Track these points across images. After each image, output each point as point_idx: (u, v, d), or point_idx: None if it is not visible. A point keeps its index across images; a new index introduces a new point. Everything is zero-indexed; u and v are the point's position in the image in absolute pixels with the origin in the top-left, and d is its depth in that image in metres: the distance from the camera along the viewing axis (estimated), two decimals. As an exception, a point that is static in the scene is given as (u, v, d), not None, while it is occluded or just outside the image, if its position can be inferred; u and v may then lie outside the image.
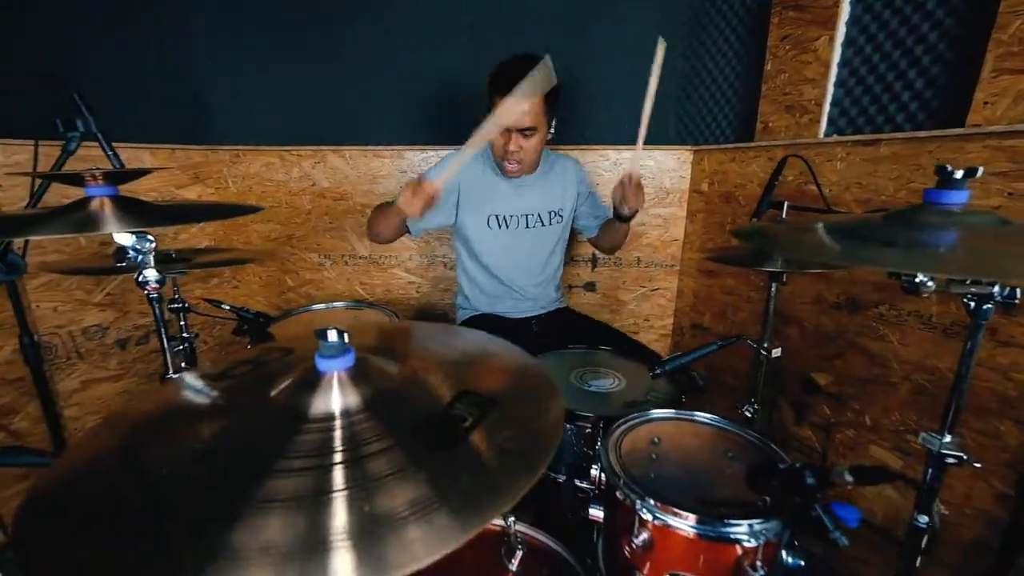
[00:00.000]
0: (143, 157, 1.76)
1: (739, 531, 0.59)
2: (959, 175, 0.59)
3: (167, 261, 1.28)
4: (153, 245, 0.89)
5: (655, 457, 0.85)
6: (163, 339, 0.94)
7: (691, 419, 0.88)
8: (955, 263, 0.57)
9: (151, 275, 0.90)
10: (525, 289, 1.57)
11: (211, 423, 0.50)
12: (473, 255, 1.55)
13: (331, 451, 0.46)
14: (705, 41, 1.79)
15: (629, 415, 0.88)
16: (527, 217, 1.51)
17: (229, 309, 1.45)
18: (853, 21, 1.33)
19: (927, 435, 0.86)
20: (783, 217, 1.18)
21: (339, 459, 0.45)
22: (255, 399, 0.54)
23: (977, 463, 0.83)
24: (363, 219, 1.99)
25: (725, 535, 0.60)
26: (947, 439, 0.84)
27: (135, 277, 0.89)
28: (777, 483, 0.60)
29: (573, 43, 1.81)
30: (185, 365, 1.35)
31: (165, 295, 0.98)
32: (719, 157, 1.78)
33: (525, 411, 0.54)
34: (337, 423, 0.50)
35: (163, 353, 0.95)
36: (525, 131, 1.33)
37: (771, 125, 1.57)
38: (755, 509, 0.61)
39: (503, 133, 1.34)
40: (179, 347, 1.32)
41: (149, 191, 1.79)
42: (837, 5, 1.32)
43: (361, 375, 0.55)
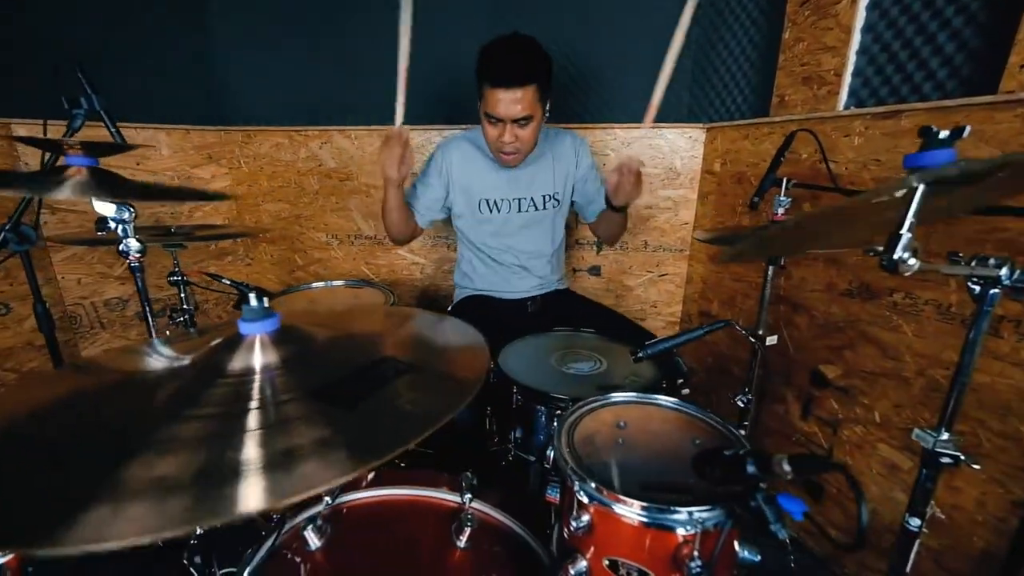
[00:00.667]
0: (159, 137, 1.83)
1: (676, 518, 0.56)
2: (944, 135, 0.52)
3: (167, 235, 1.33)
4: (133, 216, 0.92)
5: (621, 441, 0.82)
6: (146, 307, 0.98)
7: (654, 403, 0.84)
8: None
9: (133, 245, 0.93)
10: (519, 271, 1.54)
11: (133, 380, 0.51)
12: (466, 237, 1.53)
13: (246, 400, 0.47)
14: (722, 10, 1.68)
15: (588, 398, 0.85)
16: (519, 201, 1.47)
17: (229, 283, 1.50)
18: (879, -20, 1.21)
19: (921, 431, 0.80)
20: (782, 196, 1.10)
21: (253, 406, 0.46)
22: (182, 360, 0.54)
23: (975, 464, 0.76)
24: (367, 199, 2.01)
25: (662, 521, 0.56)
26: (944, 436, 0.77)
27: (117, 247, 0.92)
28: (719, 470, 0.56)
29: (579, 16, 1.74)
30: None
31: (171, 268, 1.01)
32: (732, 135, 1.68)
33: (440, 379, 0.52)
34: (256, 377, 0.50)
35: (145, 320, 0.99)
36: (520, 121, 1.27)
37: (787, 99, 1.47)
38: (697, 496, 0.58)
39: (496, 125, 1.28)
40: (180, 318, 1.38)
41: (166, 170, 1.87)
42: (861, -37, 1.20)
43: (285, 339, 0.55)
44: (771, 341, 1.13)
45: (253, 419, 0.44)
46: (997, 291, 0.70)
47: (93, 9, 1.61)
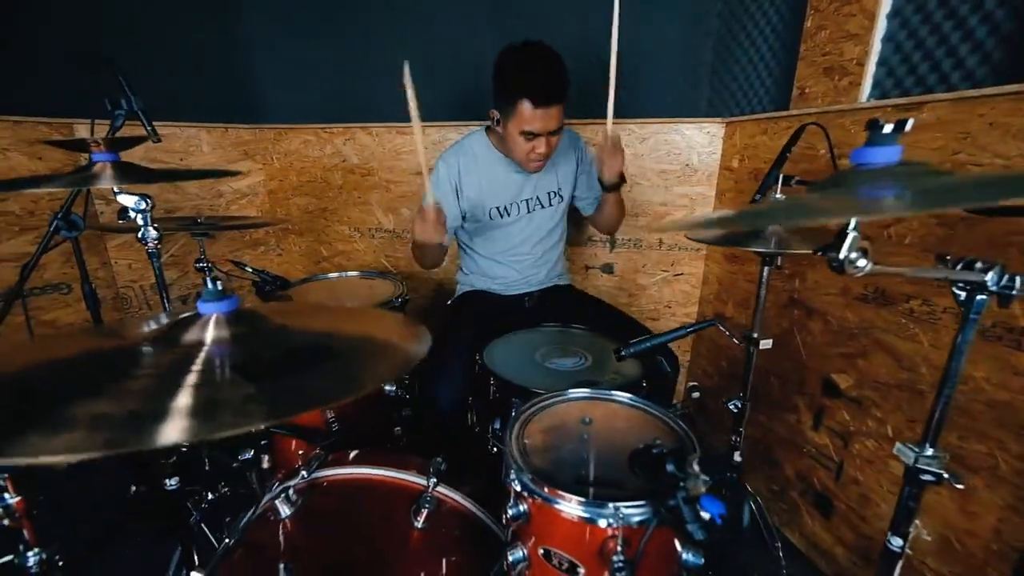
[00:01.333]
0: (201, 135, 1.99)
1: (601, 512, 0.56)
2: (888, 129, 0.49)
3: (194, 225, 1.44)
4: (151, 206, 1.02)
5: (586, 436, 0.82)
6: (161, 289, 1.08)
7: (612, 400, 0.84)
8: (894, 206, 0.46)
9: (151, 233, 1.03)
10: (521, 267, 1.55)
11: (106, 347, 0.58)
12: (471, 239, 1.56)
13: (190, 364, 0.53)
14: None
15: (545, 394, 0.86)
16: (527, 202, 1.49)
17: (252, 271, 1.61)
18: (906, -39, 1.12)
19: (903, 445, 0.75)
20: (778, 195, 1.04)
21: (195, 369, 0.52)
22: (146, 335, 0.61)
23: (959, 484, 0.70)
24: (387, 194, 2.08)
25: (587, 515, 0.57)
26: (928, 452, 0.72)
27: (137, 235, 1.02)
28: (647, 468, 0.56)
29: (589, 14, 1.71)
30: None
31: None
32: (751, 129, 1.61)
33: (360, 367, 0.56)
34: (204, 348, 0.56)
35: (161, 298, 1.09)
36: (554, 132, 1.30)
37: (808, 91, 1.39)
38: (623, 493, 0.57)
39: (532, 139, 1.29)
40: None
41: (206, 165, 2.02)
42: (886, -57, 1.12)
43: (240, 319, 0.61)
44: (765, 345, 1.08)
45: (192, 379, 0.50)
46: (984, 297, 0.65)
47: (145, 21, 1.78)
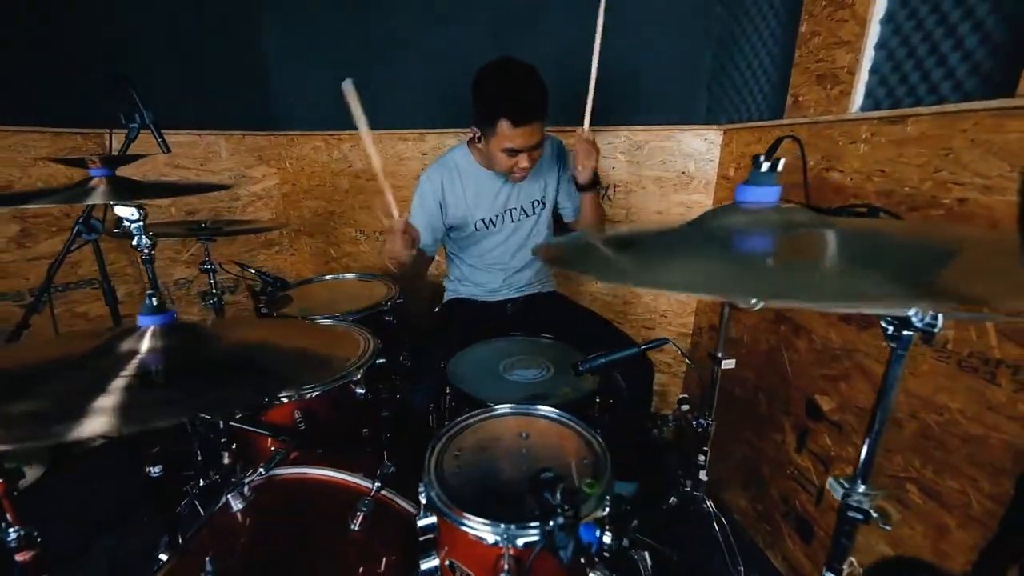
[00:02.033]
0: (220, 142, 2.12)
1: (490, 531, 0.58)
2: (765, 168, 0.48)
3: (200, 229, 1.55)
4: (144, 216, 1.11)
5: (524, 451, 0.84)
6: (155, 291, 1.17)
7: (539, 416, 0.85)
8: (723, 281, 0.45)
9: (144, 241, 1.12)
10: (506, 272, 1.57)
11: (57, 355, 0.65)
12: (457, 246, 1.59)
13: (120, 367, 0.59)
14: (746, 1, 1.55)
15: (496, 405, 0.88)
16: (512, 212, 1.51)
17: (254, 273, 1.71)
18: (898, -35, 1.05)
19: (834, 480, 0.72)
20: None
21: (126, 372, 0.58)
22: (95, 343, 0.67)
23: (887, 526, 0.68)
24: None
25: (479, 533, 0.59)
26: (860, 489, 0.70)
27: (131, 242, 1.12)
28: (534, 493, 0.57)
29: (588, 20, 1.70)
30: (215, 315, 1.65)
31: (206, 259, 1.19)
32: (746, 138, 1.56)
33: (286, 370, 0.61)
34: (138, 355, 0.62)
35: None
36: (535, 147, 1.31)
37: (801, 99, 1.33)
38: (514, 513, 0.59)
39: (510, 156, 1.30)
40: (211, 301, 1.61)
41: (224, 170, 2.16)
42: (877, -54, 1.06)
43: (176, 331, 0.67)
44: (728, 364, 1.06)
45: (118, 383, 0.56)
46: (910, 333, 0.62)
47: (170, 38, 1.91)
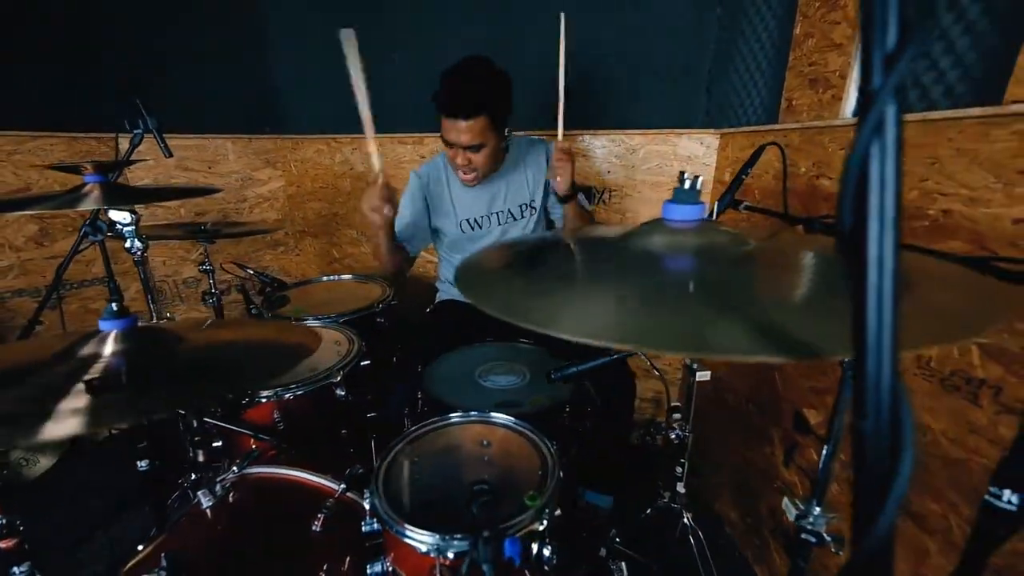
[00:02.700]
0: (227, 145, 2.18)
1: (423, 539, 0.58)
2: (687, 184, 0.47)
3: (198, 232, 1.60)
4: (137, 219, 1.16)
5: (486, 459, 0.85)
6: (148, 291, 1.22)
7: (495, 424, 0.85)
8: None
9: (136, 244, 1.17)
10: (494, 277, 1.57)
11: (25, 359, 0.68)
12: (447, 248, 1.60)
13: (84, 372, 0.62)
14: (745, 2, 1.51)
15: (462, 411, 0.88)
16: (497, 215, 1.51)
17: (252, 273, 1.76)
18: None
19: (789, 501, 0.71)
20: (712, 217, 0.99)
21: (87, 376, 0.61)
22: (61, 346, 0.70)
23: (839, 551, 0.66)
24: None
25: (411, 542, 0.60)
26: (815, 511, 0.68)
27: (124, 245, 1.17)
28: (466, 503, 0.57)
29: (589, 25, 1.69)
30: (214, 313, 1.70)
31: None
32: (741, 142, 1.52)
33: (239, 371, 0.63)
34: (103, 358, 0.65)
35: (147, 302, 1.23)
36: (470, 148, 1.31)
37: (794, 103, 1.29)
38: (454, 523, 0.59)
39: (450, 148, 1.32)
40: (210, 301, 1.67)
41: (232, 172, 2.22)
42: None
43: (137, 335, 0.69)
44: (703, 376, 1.04)
45: (79, 386, 0.59)
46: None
47: (181, 45, 1.98)
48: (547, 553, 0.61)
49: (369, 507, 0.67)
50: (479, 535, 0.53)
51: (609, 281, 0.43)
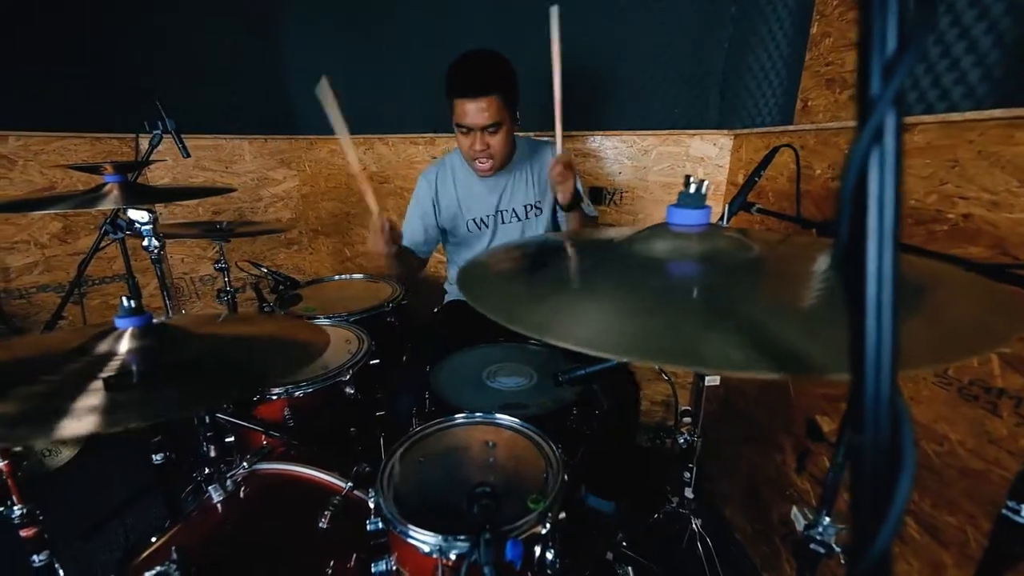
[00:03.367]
0: (244, 146, 2.22)
1: (425, 540, 0.59)
2: (693, 189, 0.46)
3: (214, 231, 1.63)
4: (155, 218, 1.19)
5: (491, 460, 0.85)
6: (163, 288, 1.25)
7: (497, 424, 0.85)
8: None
9: (154, 242, 1.19)
10: (502, 278, 1.57)
11: (39, 354, 0.71)
12: (454, 248, 1.61)
13: (100, 369, 0.63)
14: (760, 1, 1.49)
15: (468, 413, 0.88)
16: (502, 214, 1.51)
17: (265, 272, 1.79)
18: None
19: (798, 510, 0.70)
20: (724, 223, 0.98)
21: (105, 374, 0.62)
22: (80, 344, 0.72)
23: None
24: (402, 200, 2.19)
25: (414, 542, 0.60)
26: (824, 521, 0.67)
27: (142, 243, 1.19)
28: (468, 505, 0.57)
29: (599, 24, 1.68)
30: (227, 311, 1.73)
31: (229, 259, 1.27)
32: (755, 143, 1.50)
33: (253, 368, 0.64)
34: (118, 356, 0.67)
35: (163, 299, 1.26)
36: (487, 128, 1.31)
37: (810, 104, 1.27)
38: (456, 524, 0.59)
39: (467, 135, 1.32)
40: (224, 298, 1.70)
41: (247, 172, 2.26)
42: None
43: (150, 332, 0.71)
44: (711, 381, 1.02)
45: (94, 384, 0.60)
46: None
47: (199, 49, 2.02)
48: (550, 557, 0.61)
49: (373, 506, 0.68)
50: (480, 536, 0.53)
51: (608, 288, 0.42)
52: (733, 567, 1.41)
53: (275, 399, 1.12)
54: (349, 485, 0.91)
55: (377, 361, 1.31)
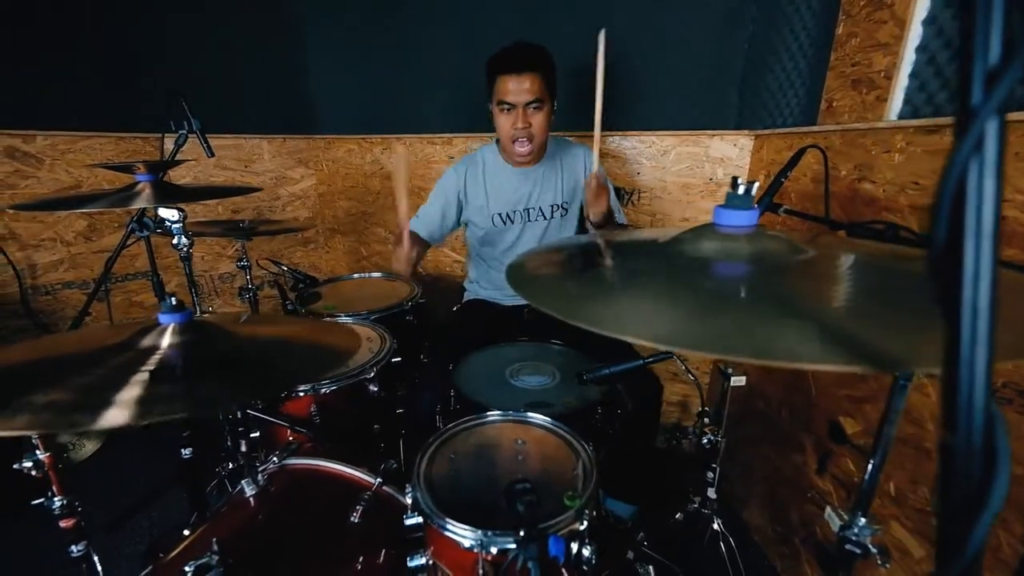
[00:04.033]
0: (263, 145, 2.25)
1: (467, 535, 0.60)
2: (742, 190, 0.46)
3: (237, 229, 1.65)
4: (184, 217, 1.20)
5: (520, 458, 0.86)
6: (191, 285, 1.27)
7: (531, 423, 0.85)
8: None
9: (183, 240, 1.21)
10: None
11: (83, 349, 0.72)
12: (475, 246, 1.62)
13: (143, 362, 0.65)
14: (782, 1, 1.48)
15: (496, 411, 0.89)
16: (528, 211, 1.51)
17: (286, 270, 1.81)
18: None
19: (832, 511, 0.70)
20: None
21: (149, 367, 0.64)
22: (120, 338, 0.74)
23: (886, 564, 0.64)
24: (419, 200, 2.19)
25: (456, 537, 0.61)
26: (860, 522, 0.67)
27: (171, 241, 1.21)
28: (507, 501, 0.58)
29: (619, 23, 1.68)
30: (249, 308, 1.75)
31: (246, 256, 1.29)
32: (777, 144, 1.49)
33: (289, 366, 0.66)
34: (160, 350, 0.68)
35: (191, 295, 1.28)
36: (531, 104, 1.32)
37: (835, 105, 1.26)
38: (494, 519, 0.60)
39: (509, 112, 1.33)
40: (247, 296, 1.72)
41: (266, 172, 2.28)
42: (919, -57, 0.99)
43: (192, 328, 0.72)
44: (737, 382, 1.02)
45: (138, 376, 0.62)
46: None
47: (220, 51, 2.05)
48: (586, 554, 0.62)
49: (411, 501, 0.69)
50: (525, 532, 0.54)
51: (660, 286, 0.43)
52: (752, 569, 1.41)
53: (302, 396, 1.13)
54: (378, 481, 0.92)
55: (399, 359, 1.32)
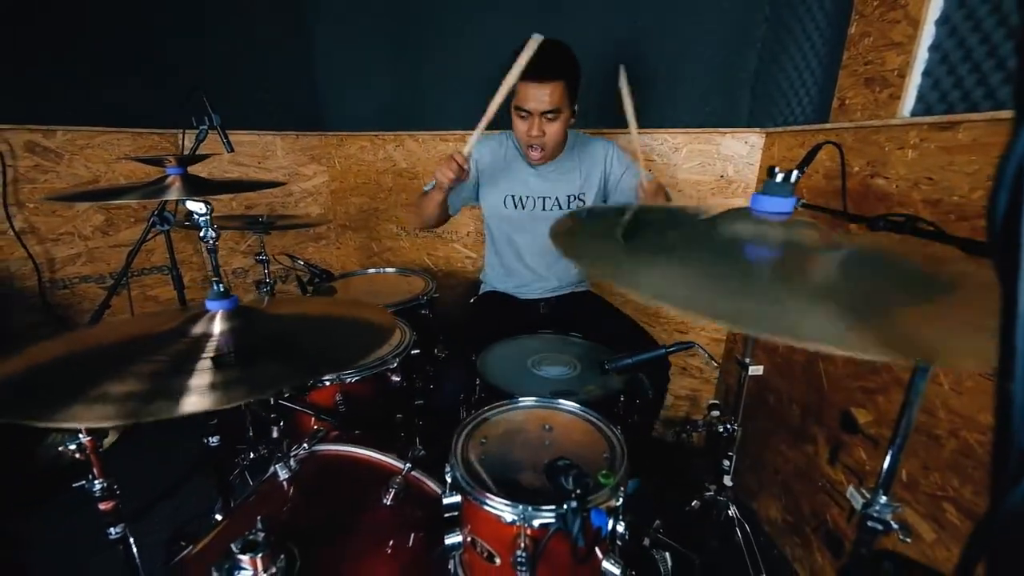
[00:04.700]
0: (276, 142, 2.27)
1: (508, 510, 0.62)
2: (779, 178, 0.49)
3: (256, 224, 1.68)
4: (212, 210, 1.23)
5: (547, 443, 0.88)
6: (218, 278, 1.29)
7: (560, 409, 0.88)
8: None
9: (211, 233, 1.23)
10: (538, 270, 1.61)
11: (139, 337, 0.75)
12: (491, 234, 1.64)
13: (199, 351, 0.67)
14: (794, 1, 1.51)
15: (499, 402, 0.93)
16: (544, 200, 1.53)
17: (303, 264, 1.84)
18: (955, -37, 1.01)
19: (855, 490, 0.73)
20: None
21: (204, 356, 0.66)
22: (170, 325, 0.77)
23: (907, 538, 0.67)
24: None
25: (498, 512, 0.64)
26: (881, 500, 0.70)
27: (199, 234, 1.24)
28: (552, 479, 0.61)
29: (631, 21, 1.71)
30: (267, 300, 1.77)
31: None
32: (789, 141, 1.52)
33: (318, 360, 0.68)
34: (213, 337, 0.71)
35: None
36: (547, 114, 1.33)
37: (848, 103, 1.29)
38: (532, 496, 0.63)
39: (525, 119, 1.35)
40: (264, 289, 1.75)
41: (280, 168, 2.31)
42: (934, -56, 1.02)
43: (239, 314, 0.75)
44: (755, 371, 1.05)
45: (199, 364, 0.64)
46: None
47: (234, 48, 2.07)
48: (620, 529, 0.65)
49: (451, 480, 0.71)
50: (570, 504, 0.56)
51: (703, 262, 0.46)
52: (763, 558, 1.44)
53: (328, 385, 1.16)
54: (408, 466, 0.94)
55: (418, 351, 1.35)
